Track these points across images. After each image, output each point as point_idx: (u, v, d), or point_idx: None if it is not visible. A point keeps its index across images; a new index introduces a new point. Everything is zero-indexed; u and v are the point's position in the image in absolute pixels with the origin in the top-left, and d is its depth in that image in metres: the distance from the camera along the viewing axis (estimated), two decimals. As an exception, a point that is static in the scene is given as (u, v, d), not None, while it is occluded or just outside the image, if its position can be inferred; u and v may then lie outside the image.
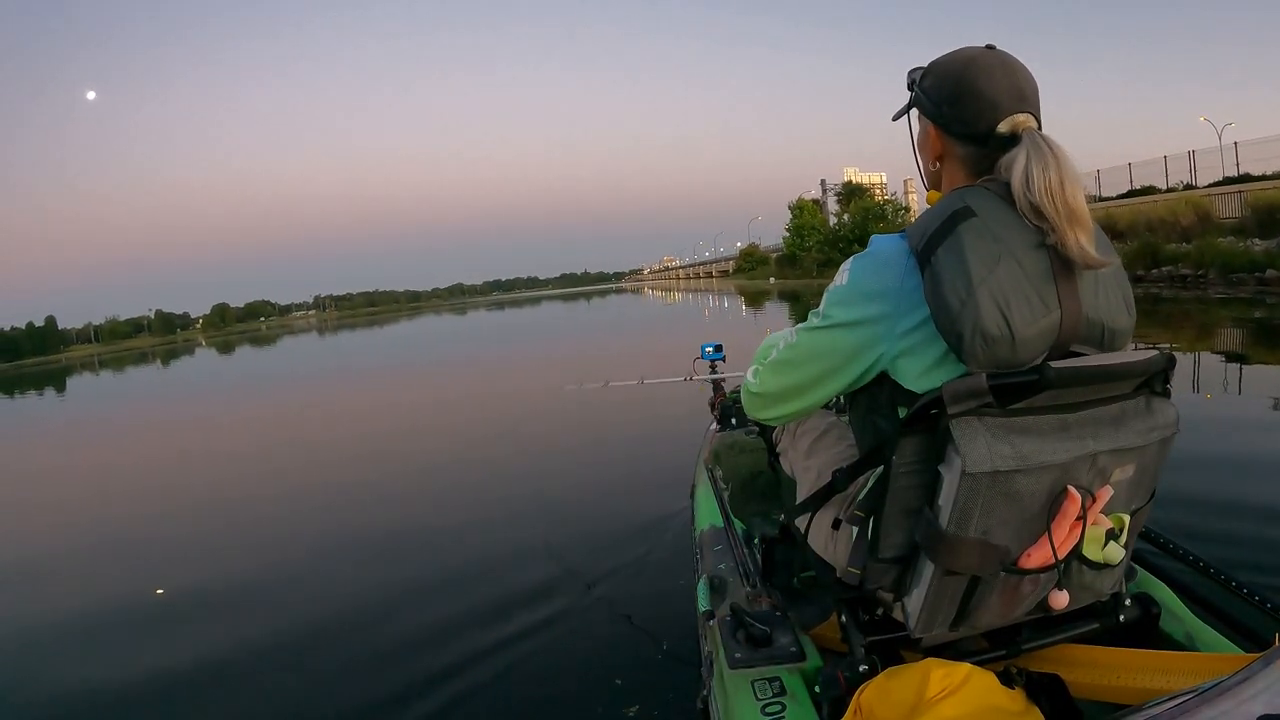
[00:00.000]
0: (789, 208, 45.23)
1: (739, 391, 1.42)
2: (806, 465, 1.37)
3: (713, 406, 3.19)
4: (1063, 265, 0.99)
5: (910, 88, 1.19)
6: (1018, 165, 1.00)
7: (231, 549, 4.33)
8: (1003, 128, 1.06)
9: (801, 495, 1.33)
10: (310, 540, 4.30)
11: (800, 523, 1.30)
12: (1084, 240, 0.97)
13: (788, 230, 45.14)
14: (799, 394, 1.19)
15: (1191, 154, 24.27)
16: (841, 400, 1.26)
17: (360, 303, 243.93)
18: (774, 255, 55.13)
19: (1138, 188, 25.13)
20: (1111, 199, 24.30)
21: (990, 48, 1.11)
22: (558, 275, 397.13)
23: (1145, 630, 1.30)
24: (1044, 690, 1.08)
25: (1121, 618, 1.26)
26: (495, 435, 6.96)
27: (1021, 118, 1.06)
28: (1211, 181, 22.23)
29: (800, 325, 1.17)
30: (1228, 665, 1.05)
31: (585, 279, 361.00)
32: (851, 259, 1.10)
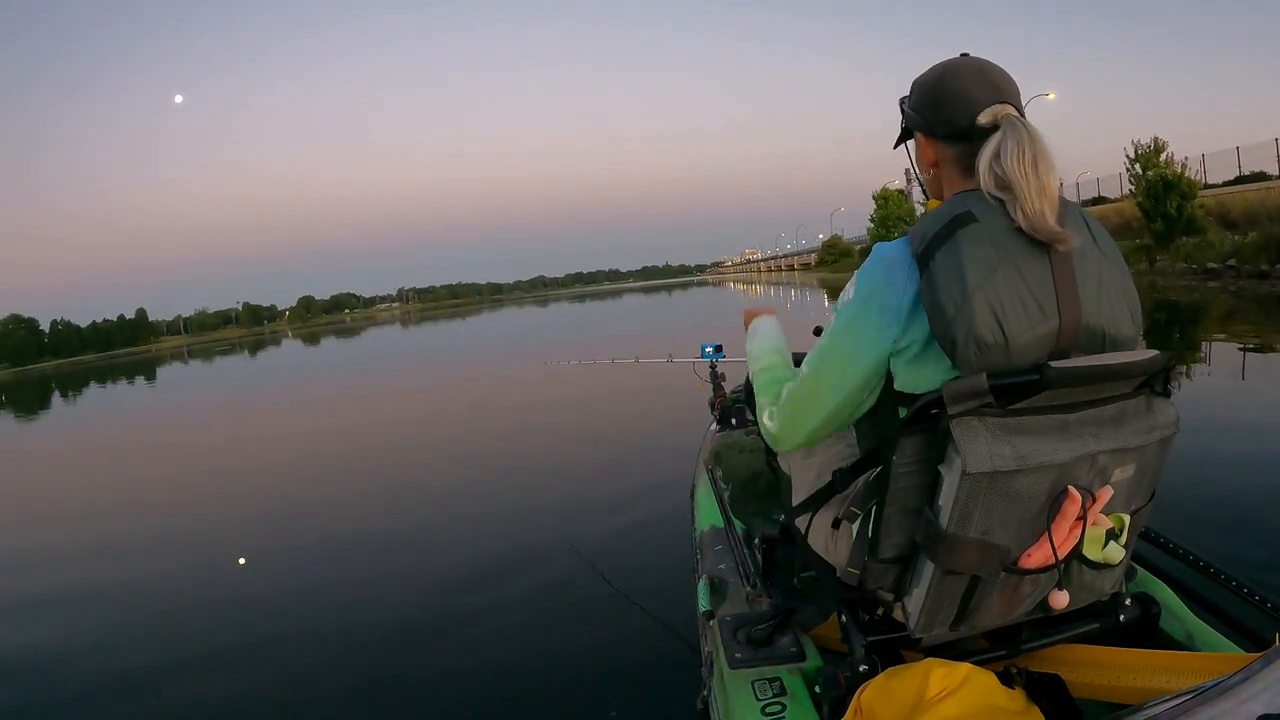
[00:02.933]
0: (873, 198, 43.73)
1: (740, 392, 1.44)
2: (806, 465, 1.37)
3: (713, 406, 3.14)
4: (1064, 272, 0.99)
5: (901, 111, 1.22)
6: (991, 143, 1.03)
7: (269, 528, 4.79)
8: (983, 119, 1.08)
9: (801, 495, 1.34)
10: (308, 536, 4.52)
11: (800, 522, 1.32)
12: (1047, 211, 0.98)
13: (872, 221, 43.73)
14: (816, 407, 1.17)
15: (1307, 135, 22.60)
16: None
17: (443, 295, 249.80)
18: (858, 247, 53.75)
19: (1247, 173, 23.60)
20: (1219, 185, 22.85)
21: (964, 55, 1.14)
22: (639, 268, 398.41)
23: (1145, 630, 1.29)
24: (1044, 690, 1.08)
25: (1121, 618, 1.25)
26: (503, 434, 7.12)
27: (1000, 108, 1.08)
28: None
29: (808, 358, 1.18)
30: (1228, 665, 1.04)
31: (666, 271, 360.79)
32: (858, 272, 1.12)
